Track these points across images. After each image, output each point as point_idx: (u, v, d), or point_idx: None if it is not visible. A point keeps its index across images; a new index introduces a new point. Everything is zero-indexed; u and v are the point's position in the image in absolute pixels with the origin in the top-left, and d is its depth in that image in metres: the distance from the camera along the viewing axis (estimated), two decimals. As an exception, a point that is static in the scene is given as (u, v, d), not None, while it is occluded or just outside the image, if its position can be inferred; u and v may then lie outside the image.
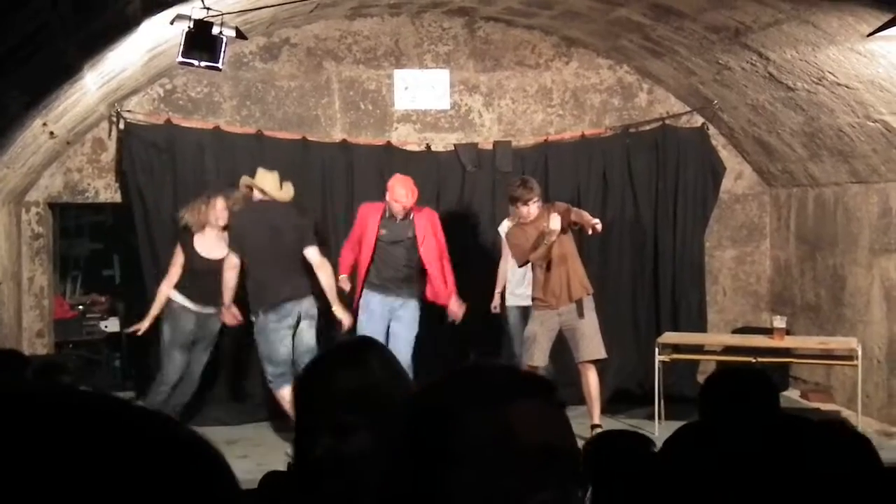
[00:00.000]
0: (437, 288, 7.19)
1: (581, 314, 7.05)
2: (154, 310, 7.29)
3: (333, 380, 2.00)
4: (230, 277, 6.99)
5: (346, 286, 7.19)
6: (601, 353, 7.11)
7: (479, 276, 7.68)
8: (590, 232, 7.00)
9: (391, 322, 7.20)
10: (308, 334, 7.00)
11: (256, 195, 7.16)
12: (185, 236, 7.28)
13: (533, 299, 7.15)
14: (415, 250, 7.13)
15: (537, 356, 7.05)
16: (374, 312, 7.14)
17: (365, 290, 7.19)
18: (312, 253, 6.99)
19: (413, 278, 7.21)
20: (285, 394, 6.83)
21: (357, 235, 7.22)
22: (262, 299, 6.95)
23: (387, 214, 7.14)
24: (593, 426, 6.90)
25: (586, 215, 6.98)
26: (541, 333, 7.08)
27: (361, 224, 7.22)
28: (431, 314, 7.38)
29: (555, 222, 6.77)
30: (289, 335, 6.94)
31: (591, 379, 7.07)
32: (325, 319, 7.36)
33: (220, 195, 7.30)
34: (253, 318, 7.06)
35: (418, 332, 7.21)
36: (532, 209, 6.99)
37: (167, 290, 7.26)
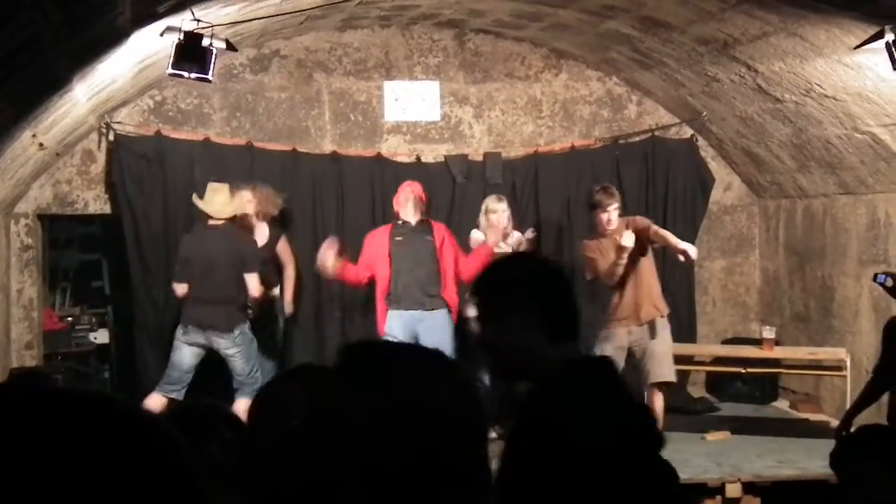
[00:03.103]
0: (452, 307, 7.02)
1: (653, 334, 6.71)
2: None
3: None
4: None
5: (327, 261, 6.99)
6: (671, 377, 6.80)
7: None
8: (681, 258, 6.65)
9: (419, 337, 6.85)
10: (232, 363, 6.90)
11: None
12: None
13: (604, 321, 6.86)
14: (430, 254, 7.00)
15: None
16: (396, 335, 6.84)
17: (388, 313, 7.02)
18: (252, 281, 6.87)
19: (435, 287, 7.02)
20: (150, 401, 6.80)
21: (363, 263, 7.10)
22: (182, 313, 7.00)
23: (399, 223, 7.11)
24: None
25: (672, 238, 6.64)
26: (610, 352, 6.60)
27: (368, 251, 7.08)
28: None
29: (627, 239, 6.45)
30: (189, 352, 6.88)
31: (657, 403, 6.67)
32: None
33: (247, 187, 7.32)
34: None
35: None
36: (613, 217, 6.68)
37: None
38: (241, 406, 6.72)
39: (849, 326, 7.70)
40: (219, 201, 6.98)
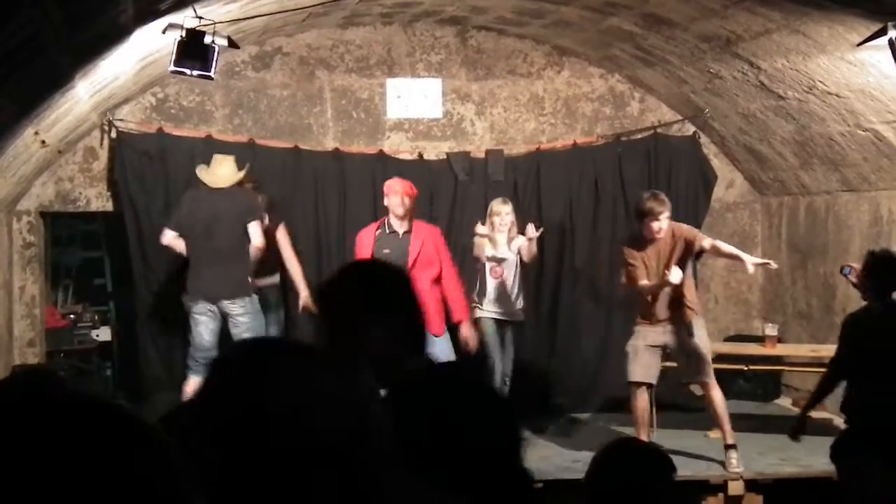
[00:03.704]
0: (430, 316, 6.93)
1: (691, 333, 6.62)
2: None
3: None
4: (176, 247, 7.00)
5: None
6: (710, 375, 6.71)
7: (470, 285, 7.65)
8: (751, 270, 6.57)
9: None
10: (242, 332, 6.81)
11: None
12: None
13: (637, 318, 6.78)
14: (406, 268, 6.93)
15: (637, 372, 6.68)
16: None
17: None
18: (254, 229, 6.79)
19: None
20: (189, 387, 6.73)
21: None
22: (187, 286, 6.92)
23: (386, 231, 6.92)
24: (727, 446, 6.63)
25: (744, 256, 6.49)
26: (642, 349, 6.68)
27: (359, 251, 6.99)
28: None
29: (675, 276, 6.31)
30: (208, 322, 6.82)
31: (717, 396, 6.64)
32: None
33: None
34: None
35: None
36: (664, 226, 6.45)
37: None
38: None
39: (851, 324, 7.68)
40: (222, 172, 7.01)
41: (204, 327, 6.85)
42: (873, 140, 6.83)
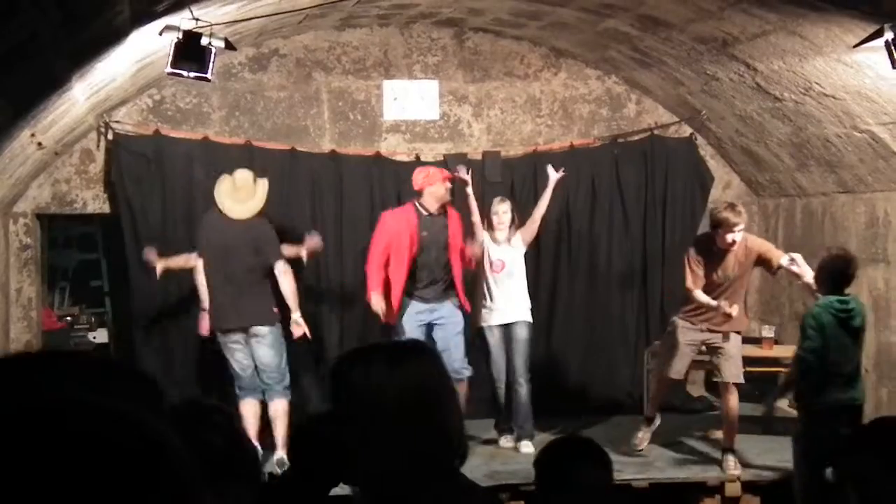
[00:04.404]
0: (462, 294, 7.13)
1: (726, 337, 6.70)
2: None
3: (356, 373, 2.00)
4: (199, 281, 6.93)
5: (381, 306, 6.85)
6: (741, 378, 6.80)
7: (467, 286, 7.65)
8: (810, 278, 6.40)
9: (435, 329, 7.03)
10: (260, 351, 6.77)
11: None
12: None
13: (682, 312, 6.84)
14: (445, 247, 7.01)
15: (677, 368, 6.80)
16: (410, 325, 6.95)
17: (405, 300, 6.98)
18: (280, 267, 6.74)
19: (452, 282, 7.07)
20: (242, 409, 6.71)
21: (383, 247, 6.94)
22: (214, 318, 6.86)
23: (423, 213, 6.99)
24: (724, 450, 6.72)
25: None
26: (683, 345, 6.76)
27: (386, 233, 6.96)
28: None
29: (734, 311, 6.43)
30: (238, 349, 6.78)
31: (731, 401, 6.72)
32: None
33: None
34: None
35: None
36: (738, 237, 6.45)
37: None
38: (280, 407, 6.70)
39: (848, 325, 7.69)
40: (246, 205, 6.83)
41: (241, 354, 6.80)
42: (869, 142, 6.83)
